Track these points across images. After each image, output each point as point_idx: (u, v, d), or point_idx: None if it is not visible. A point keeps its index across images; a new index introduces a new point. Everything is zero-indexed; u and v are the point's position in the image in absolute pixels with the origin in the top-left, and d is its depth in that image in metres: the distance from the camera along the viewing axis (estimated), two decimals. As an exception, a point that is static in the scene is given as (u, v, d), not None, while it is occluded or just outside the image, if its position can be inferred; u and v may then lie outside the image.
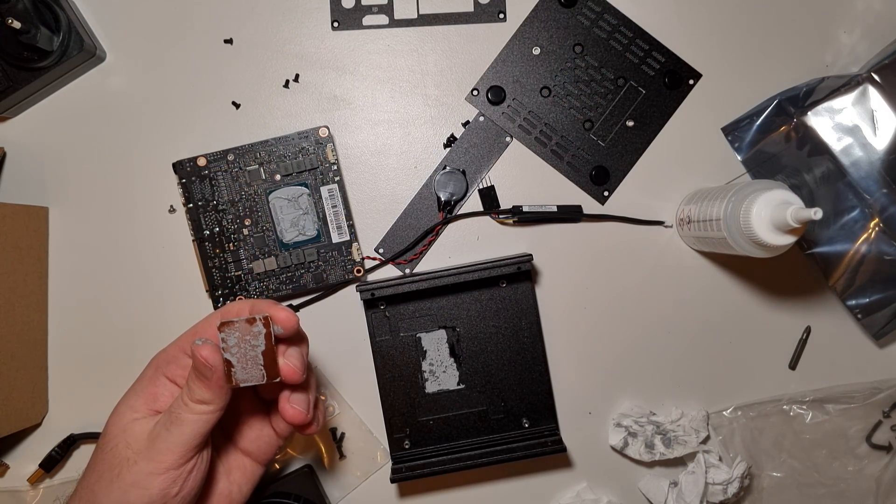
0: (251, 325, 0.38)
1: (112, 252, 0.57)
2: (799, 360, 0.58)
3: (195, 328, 0.42)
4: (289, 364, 0.40)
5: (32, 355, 0.54)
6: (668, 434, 0.55)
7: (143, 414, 0.40)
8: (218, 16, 0.57)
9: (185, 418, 0.38)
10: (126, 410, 0.40)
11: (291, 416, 0.41)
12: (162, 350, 0.43)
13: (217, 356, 0.38)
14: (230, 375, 0.38)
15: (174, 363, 0.41)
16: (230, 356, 0.38)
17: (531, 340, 0.55)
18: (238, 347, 0.38)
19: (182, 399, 0.39)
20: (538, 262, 0.57)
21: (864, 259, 0.55)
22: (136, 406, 0.40)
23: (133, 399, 0.41)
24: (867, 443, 0.57)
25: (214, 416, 0.39)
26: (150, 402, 0.41)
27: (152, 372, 0.42)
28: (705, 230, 0.50)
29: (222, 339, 0.38)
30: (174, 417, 0.38)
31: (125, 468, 0.38)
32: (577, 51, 0.57)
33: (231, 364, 0.38)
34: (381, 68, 0.57)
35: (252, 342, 0.38)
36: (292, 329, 0.39)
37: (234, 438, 0.45)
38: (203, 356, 0.38)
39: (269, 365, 0.39)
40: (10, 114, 0.56)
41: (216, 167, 0.55)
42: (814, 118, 0.55)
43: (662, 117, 0.57)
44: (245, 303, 0.41)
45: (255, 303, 0.41)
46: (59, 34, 0.52)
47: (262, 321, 0.38)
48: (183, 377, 0.41)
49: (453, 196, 0.56)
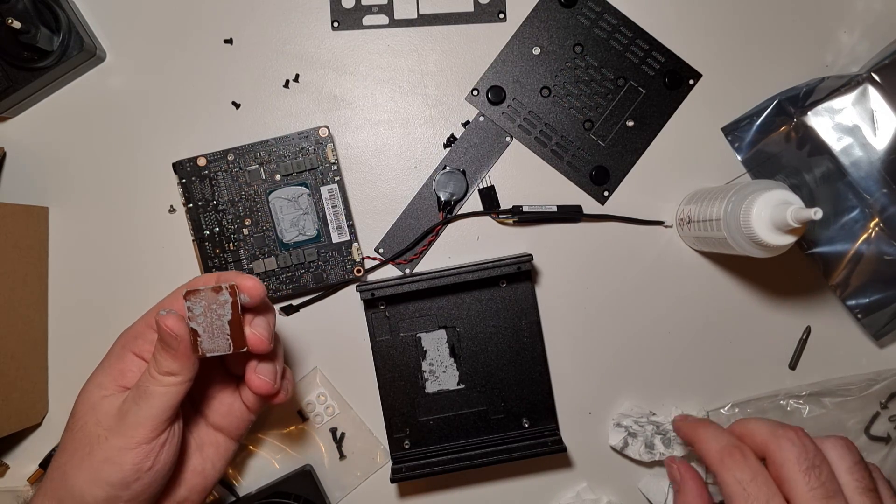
0: (217, 293, 0.38)
1: (112, 252, 0.57)
2: (799, 360, 0.58)
3: (161, 304, 0.42)
4: (255, 333, 0.40)
5: (32, 355, 0.54)
6: (668, 434, 0.55)
7: (111, 391, 0.40)
8: (218, 16, 0.57)
9: (153, 391, 0.38)
10: (94, 388, 0.40)
11: (258, 386, 0.41)
12: (129, 327, 0.42)
13: (182, 326, 0.38)
14: (196, 345, 0.38)
15: (141, 338, 0.41)
16: (196, 325, 0.38)
17: (531, 340, 0.55)
18: (204, 317, 0.38)
19: (150, 372, 0.38)
20: (538, 262, 0.57)
21: (864, 259, 0.55)
22: (104, 383, 0.40)
23: (101, 377, 0.41)
24: (866, 435, 0.57)
25: (183, 388, 0.39)
26: (117, 379, 0.40)
27: (119, 349, 0.42)
28: (705, 230, 0.50)
29: (188, 307, 0.37)
30: (142, 391, 0.38)
31: (96, 445, 0.38)
32: (577, 51, 0.57)
33: (197, 334, 0.38)
34: (381, 68, 0.57)
35: (218, 311, 0.38)
36: (258, 297, 0.39)
37: (205, 414, 0.45)
38: (168, 325, 0.37)
39: (236, 334, 0.38)
40: (10, 114, 0.56)
41: (216, 167, 0.55)
42: (814, 118, 0.55)
43: (662, 117, 0.57)
44: (211, 275, 0.41)
45: (221, 274, 0.40)
46: (59, 34, 0.52)
47: (229, 290, 0.38)
48: (149, 352, 0.41)
49: (453, 196, 0.56)
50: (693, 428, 0.46)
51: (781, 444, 0.39)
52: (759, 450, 0.41)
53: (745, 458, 0.40)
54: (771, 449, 0.40)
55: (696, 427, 0.46)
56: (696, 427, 0.46)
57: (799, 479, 0.38)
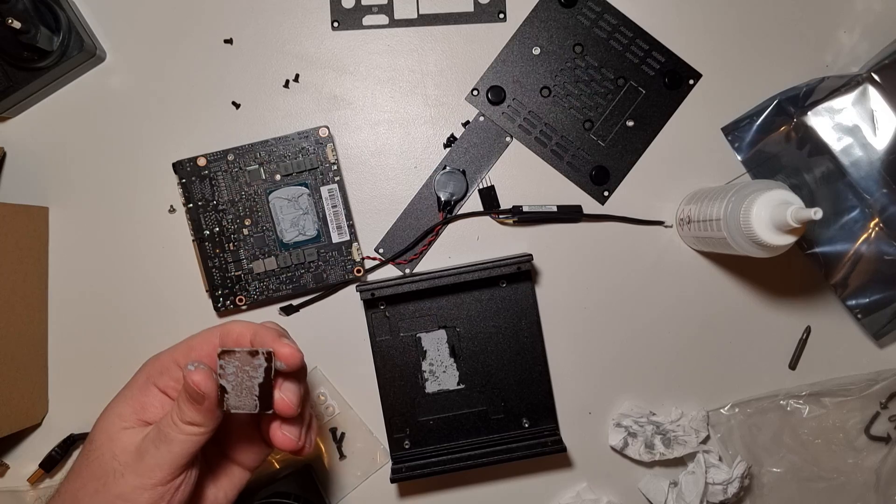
0: (253, 357, 0.37)
1: (112, 252, 0.57)
2: (799, 359, 0.58)
3: (191, 342, 0.41)
4: (284, 399, 0.39)
5: (32, 355, 0.54)
6: (667, 434, 0.55)
7: (131, 423, 0.39)
8: (218, 16, 0.57)
9: (173, 438, 0.37)
10: (114, 418, 0.40)
11: (281, 443, 0.40)
12: (154, 358, 0.42)
13: (210, 383, 0.37)
14: (223, 401, 0.37)
15: (166, 374, 0.40)
16: (226, 383, 0.37)
17: (531, 340, 0.55)
18: (235, 376, 0.37)
19: (172, 418, 0.38)
20: (538, 262, 0.57)
21: (864, 259, 0.55)
22: (125, 414, 0.40)
23: (122, 406, 0.40)
24: (866, 435, 0.57)
25: (204, 438, 0.38)
26: (138, 412, 0.40)
27: (143, 380, 0.41)
28: (705, 230, 0.50)
29: (221, 366, 0.37)
30: (163, 436, 0.38)
31: (111, 479, 0.38)
32: (577, 51, 0.57)
33: (225, 390, 0.37)
34: (381, 68, 0.57)
35: (251, 373, 0.37)
36: (295, 367, 0.39)
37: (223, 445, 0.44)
38: (195, 382, 0.37)
39: (264, 397, 0.38)
40: (10, 114, 0.56)
41: (216, 167, 0.55)
42: (814, 118, 0.55)
43: (662, 117, 0.57)
44: (248, 326, 0.40)
45: (259, 330, 0.39)
46: (59, 34, 0.52)
47: (265, 356, 0.37)
48: (174, 389, 0.40)
49: (453, 196, 0.56)
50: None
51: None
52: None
53: None
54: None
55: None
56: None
57: None
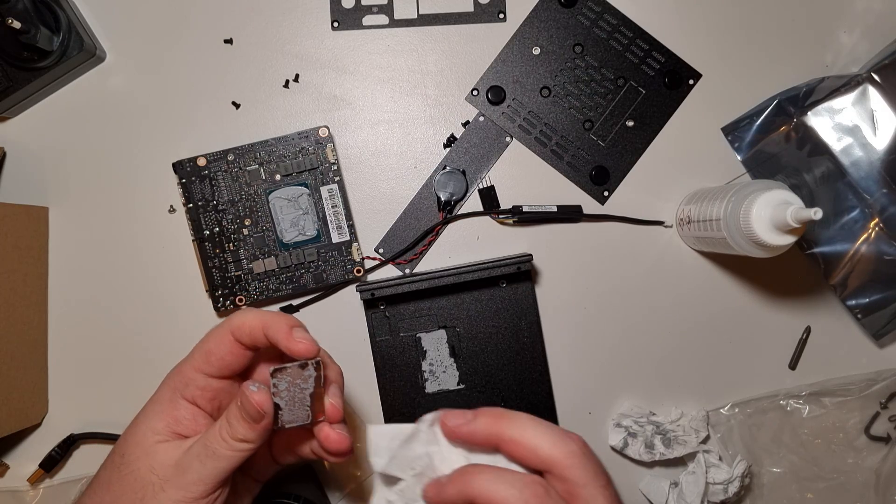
0: (303, 369, 0.38)
1: (112, 252, 0.57)
2: (799, 359, 0.58)
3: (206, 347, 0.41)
4: (334, 404, 0.39)
5: (32, 355, 0.54)
6: (667, 434, 0.55)
7: (165, 437, 0.40)
8: (218, 16, 0.57)
9: (222, 454, 0.38)
10: (148, 433, 0.40)
11: (337, 444, 0.40)
12: (176, 370, 0.41)
13: (271, 403, 0.37)
14: (277, 418, 0.38)
15: (191, 385, 0.40)
16: (279, 400, 0.37)
17: (531, 340, 0.55)
18: (287, 391, 0.38)
19: (221, 435, 0.38)
20: (538, 262, 0.57)
21: (863, 259, 0.55)
22: (158, 429, 0.40)
23: (154, 421, 0.40)
24: (865, 435, 0.57)
25: (250, 453, 0.39)
26: (172, 426, 0.40)
27: (170, 394, 0.41)
28: (705, 230, 0.50)
29: (274, 384, 0.37)
30: (211, 452, 0.38)
31: (149, 493, 0.38)
32: (577, 51, 0.57)
33: (279, 407, 0.38)
34: (381, 68, 0.57)
35: (302, 385, 0.38)
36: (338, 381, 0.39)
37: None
38: (259, 403, 0.37)
39: (316, 406, 0.38)
40: (10, 114, 0.56)
41: (216, 167, 0.55)
42: (814, 118, 0.55)
43: (662, 117, 0.57)
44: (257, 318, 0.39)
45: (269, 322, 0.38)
46: (59, 34, 0.52)
47: (314, 366, 0.38)
48: (203, 398, 0.40)
49: (453, 196, 0.56)
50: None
51: (577, 464, 0.34)
52: (542, 466, 0.35)
53: (548, 496, 0.34)
54: (562, 469, 0.34)
55: (464, 474, 0.35)
56: (464, 474, 0.35)
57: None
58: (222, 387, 0.41)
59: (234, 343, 0.40)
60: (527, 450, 0.35)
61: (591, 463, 0.35)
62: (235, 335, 0.39)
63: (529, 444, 0.35)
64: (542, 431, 0.35)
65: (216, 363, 0.40)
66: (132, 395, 0.56)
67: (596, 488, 0.34)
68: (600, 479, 0.34)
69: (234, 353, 0.40)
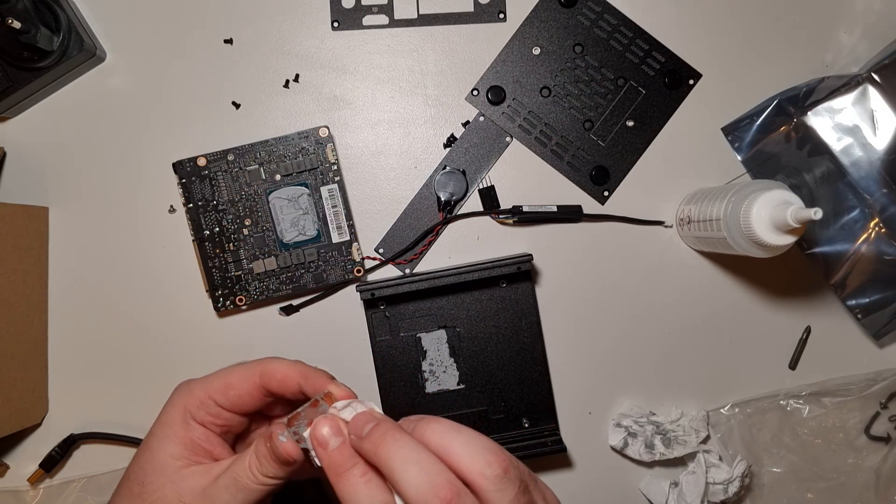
0: (315, 407, 0.37)
1: (112, 252, 0.57)
2: (799, 359, 0.58)
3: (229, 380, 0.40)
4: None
5: (32, 355, 0.54)
6: (668, 434, 0.55)
7: (185, 462, 0.39)
8: (218, 16, 0.57)
9: (253, 488, 0.37)
10: (168, 459, 0.39)
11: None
12: (187, 390, 0.40)
13: (300, 452, 0.36)
14: (312, 461, 0.36)
15: (203, 409, 0.40)
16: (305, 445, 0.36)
17: (531, 340, 0.55)
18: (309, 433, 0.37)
19: (252, 471, 0.37)
20: (538, 262, 0.57)
21: (864, 259, 0.55)
22: (177, 454, 0.39)
23: (171, 447, 0.39)
24: (866, 435, 0.57)
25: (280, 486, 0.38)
26: (189, 448, 0.39)
27: (181, 416, 0.40)
28: (705, 230, 0.50)
29: (294, 432, 0.36)
30: (241, 486, 0.37)
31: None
32: (577, 51, 0.57)
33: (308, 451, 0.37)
34: (381, 68, 0.57)
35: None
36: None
37: None
38: (289, 453, 0.36)
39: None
40: (10, 114, 0.56)
41: (216, 167, 0.55)
42: (814, 118, 0.55)
43: (662, 117, 0.57)
44: (292, 367, 0.39)
45: (306, 373, 0.39)
46: (59, 34, 0.52)
47: (324, 399, 0.37)
48: (214, 424, 0.40)
49: (453, 196, 0.56)
50: (334, 466, 0.34)
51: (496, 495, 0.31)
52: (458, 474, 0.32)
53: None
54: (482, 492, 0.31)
55: (338, 465, 0.34)
56: (338, 465, 0.34)
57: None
58: (233, 419, 0.41)
59: (258, 387, 0.39)
60: (395, 489, 0.32)
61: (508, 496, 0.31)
62: (264, 380, 0.39)
63: (395, 483, 0.31)
64: (412, 472, 0.31)
65: (233, 398, 0.39)
66: (132, 395, 0.57)
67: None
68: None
69: (253, 395, 0.39)
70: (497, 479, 0.31)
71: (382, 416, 0.35)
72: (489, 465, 0.31)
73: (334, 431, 0.34)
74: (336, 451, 0.34)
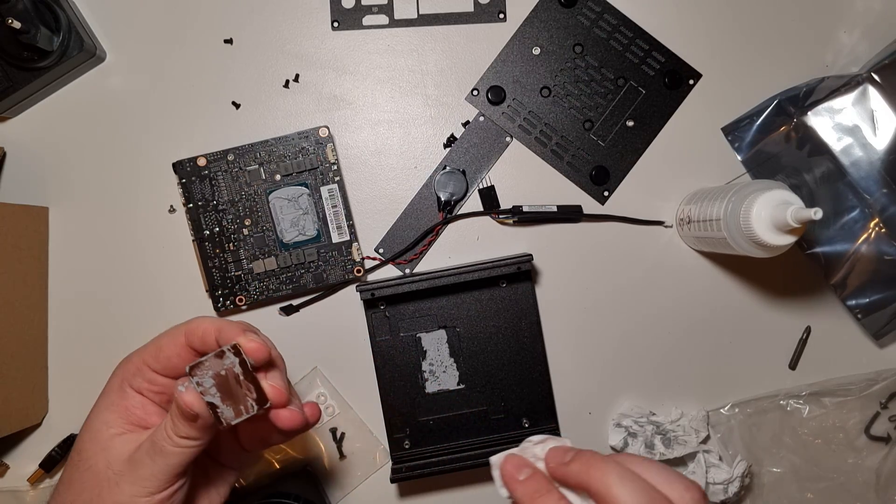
0: (221, 358, 0.36)
1: (112, 252, 0.57)
2: (799, 359, 0.58)
3: (159, 342, 0.40)
4: (275, 386, 0.38)
5: (32, 355, 0.54)
6: (668, 434, 0.55)
7: (119, 429, 0.39)
8: (218, 16, 0.57)
9: (169, 451, 0.37)
10: (102, 426, 0.39)
11: (289, 422, 0.39)
12: (125, 360, 0.41)
13: (202, 403, 0.36)
14: (219, 417, 0.36)
15: (139, 376, 0.40)
16: (211, 398, 0.36)
17: (531, 340, 0.55)
18: (217, 387, 0.36)
19: (167, 432, 0.37)
20: (538, 262, 0.57)
21: (864, 259, 0.55)
22: (111, 421, 0.40)
23: (106, 414, 0.40)
24: (866, 435, 0.57)
25: (199, 449, 0.38)
26: (124, 416, 0.40)
27: (118, 384, 0.41)
28: (705, 230, 0.50)
29: (197, 383, 0.36)
30: (158, 448, 0.37)
31: (106, 489, 0.38)
32: (577, 51, 0.57)
33: (216, 406, 0.36)
34: (381, 68, 0.57)
35: (229, 376, 0.36)
36: (262, 360, 0.38)
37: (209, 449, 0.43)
38: (188, 403, 0.36)
39: (255, 393, 0.37)
40: (10, 114, 0.56)
41: (216, 167, 0.55)
42: (814, 118, 0.55)
43: (662, 117, 0.57)
44: (212, 323, 0.39)
45: (223, 326, 0.38)
46: (59, 34, 0.52)
47: (232, 350, 0.36)
48: (148, 390, 0.40)
49: (453, 196, 0.56)
50: (530, 493, 0.36)
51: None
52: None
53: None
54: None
55: (533, 493, 0.35)
56: (533, 493, 0.35)
57: None
58: (168, 384, 0.40)
59: (185, 347, 0.39)
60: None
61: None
62: (188, 338, 0.39)
63: (611, 499, 0.32)
64: (628, 488, 0.32)
65: (163, 361, 0.40)
66: (132, 395, 0.56)
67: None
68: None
69: (181, 355, 0.39)
70: (696, 503, 0.33)
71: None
72: (688, 490, 0.33)
73: (524, 464, 0.37)
74: (530, 479, 0.36)
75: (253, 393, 0.37)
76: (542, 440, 0.38)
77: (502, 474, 0.37)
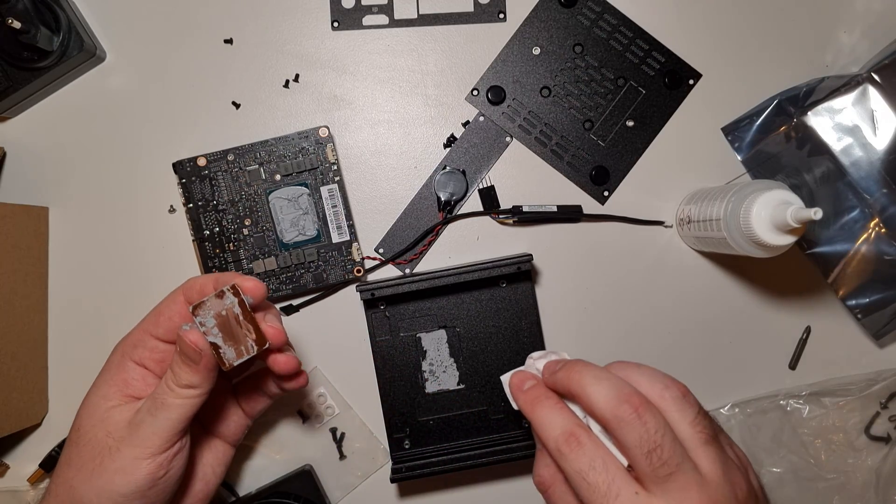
0: (221, 298, 0.38)
1: (112, 252, 0.57)
2: (799, 359, 0.58)
3: (157, 309, 0.42)
4: (273, 326, 0.40)
5: (32, 355, 0.54)
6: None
7: (117, 402, 0.40)
8: (218, 16, 0.57)
9: (171, 403, 0.38)
10: (99, 400, 0.40)
11: (285, 366, 0.41)
12: (126, 336, 0.42)
13: (205, 340, 0.38)
14: (221, 358, 0.38)
15: (140, 346, 0.41)
16: (213, 338, 0.37)
17: (531, 340, 0.55)
18: (218, 327, 0.38)
19: (167, 384, 0.38)
20: (538, 262, 0.57)
21: (864, 259, 0.55)
22: (109, 394, 0.40)
23: (104, 388, 0.40)
24: (866, 435, 0.57)
25: (201, 399, 0.39)
26: (122, 389, 0.40)
27: (119, 358, 0.41)
28: (705, 230, 0.50)
29: (199, 322, 0.37)
30: (160, 403, 0.38)
31: (107, 456, 0.38)
32: (577, 51, 0.57)
33: (218, 346, 0.38)
34: (381, 68, 0.57)
35: (229, 316, 0.38)
36: (261, 296, 0.39)
37: (205, 422, 0.45)
38: (192, 340, 0.37)
39: (255, 333, 0.38)
40: (10, 114, 0.56)
41: (216, 167, 0.55)
42: (814, 118, 0.55)
43: (662, 117, 0.57)
44: (208, 277, 0.41)
45: (218, 276, 0.40)
46: (59, 34, 0.52)
47: (231, 290, 0.38)
48: (150, 359, 0.41)
49: (453, 196, 0.57)
50: (530, 400, 0.39)
51: (621, 428, 0.34)
52: (602, 422, 0.36)
53: (580, 445, 0.35)
54: (611, 430, 0.35)
55: (533, 399, 0.39)
56: (533, 399, 0.39)
57: (641, 463, 0.34)
58: (170, 349, 0.41)
59: (184, 305, 0.40)
60: (587, 405, 0.36)
61: (636, 430, 0.34)
62: (187, 296, 0.40)
63: (587, 399, 0.36)
64: (603, 386, 0.36)
65: (164, 324, 0.40)
66: (132, 395, 0.56)
67: (638, 456, 0.34)
68: (643, 447, 0.34)
69: (182, 315, 0.40)
70: (676, 400, 0.36)
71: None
72: (667, 388, 0.36)
73: (528, 377, 0.40)
74: (531, 388, 0.39)
75: (252, 334, 0.38)
76: (542, 355, 0.42)
77: (510, 388, 0.41)
